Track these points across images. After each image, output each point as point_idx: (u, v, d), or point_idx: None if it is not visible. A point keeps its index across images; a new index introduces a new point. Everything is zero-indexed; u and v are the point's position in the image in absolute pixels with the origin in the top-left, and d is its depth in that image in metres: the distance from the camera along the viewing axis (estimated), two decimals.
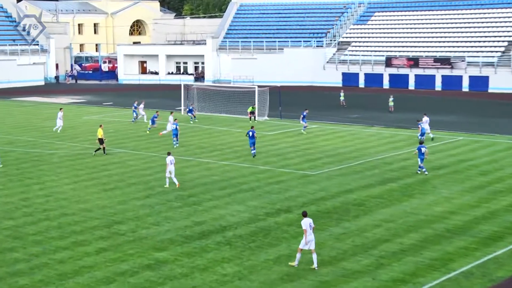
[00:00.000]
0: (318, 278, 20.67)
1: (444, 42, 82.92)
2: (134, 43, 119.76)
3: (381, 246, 23.54)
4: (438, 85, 79.43)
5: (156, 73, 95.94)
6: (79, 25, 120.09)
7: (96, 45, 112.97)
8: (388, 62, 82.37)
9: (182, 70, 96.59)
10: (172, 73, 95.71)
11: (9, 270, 21.54)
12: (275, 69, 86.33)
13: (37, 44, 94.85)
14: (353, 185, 32.50)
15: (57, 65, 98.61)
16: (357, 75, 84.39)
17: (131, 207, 28.84)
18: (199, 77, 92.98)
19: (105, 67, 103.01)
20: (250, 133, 40.18)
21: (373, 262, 22.10)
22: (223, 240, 24.35)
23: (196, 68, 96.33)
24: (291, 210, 28.16)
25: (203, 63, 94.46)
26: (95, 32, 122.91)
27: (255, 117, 54.61)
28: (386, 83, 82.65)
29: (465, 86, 78.16)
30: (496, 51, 78.50)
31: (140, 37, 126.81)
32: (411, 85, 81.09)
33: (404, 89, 79.92)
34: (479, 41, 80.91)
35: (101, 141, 40.53)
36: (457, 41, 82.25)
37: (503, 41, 79.65)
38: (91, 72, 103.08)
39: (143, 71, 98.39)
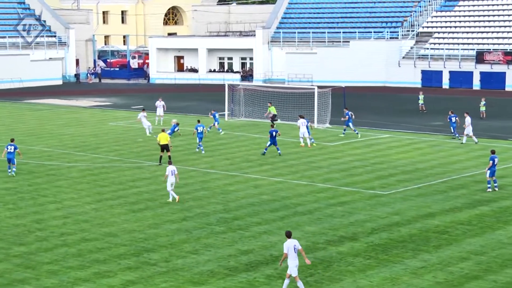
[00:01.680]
0: None
1: None
2: (169, 34, 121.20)
3: (470, 284, 23.27)
4: None
5: (196, 70, 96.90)
6: (103, 12, 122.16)
7: (124, 37, 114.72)
8: (480, 58, 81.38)
9: (226, 67, 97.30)
10: (214, 70, 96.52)
11: None
12: (339, 66, 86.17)
13: (54, 36, 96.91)
14: (434, 208, 32.22)
15: (77, 61, 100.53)
16: (440, 73, 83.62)
17: (164, 231, 29.17)
18: (247, 75, 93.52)
19: (134, 63, 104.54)
20: (274, 133, 43.11)
21: None
22: (274, 273, 24.41)
23: (243, 64, 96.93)
24: (357, 237, 28.09)
25: (251, 58, 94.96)
26: (122, 22, 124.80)
27: (274, 120, 54.20)
28: (476, 83, 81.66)
29: None
30: None
31: (176, 27, 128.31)
32: (509, 85, 79.95)
33: (500, 90, 78.83)
34: None
35: (165, 148, 41.39)
36: None
37: None
38: (117, 69, 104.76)
39: (180, 68, 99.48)
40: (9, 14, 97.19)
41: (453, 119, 49.52)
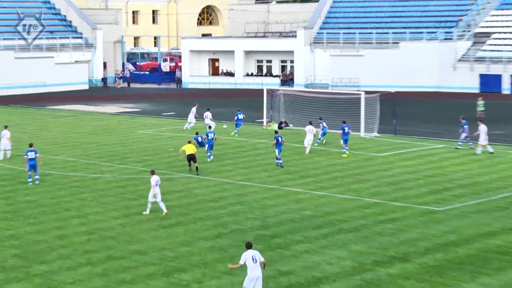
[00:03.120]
0: None
1: None
2: (203, 35, 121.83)
3: None
4: None
5: (232, 74, 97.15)
6: (133, 12, 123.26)
7: (155, 38, 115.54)
8: None
9: (264, 71, 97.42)
10: (251, 74, 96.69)
11: None
12: (388, 69, 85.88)
13: (81, 37, 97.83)
14: (495, 226, 31.82)
15: (105, 64, 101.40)
16: (499, 77, 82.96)
17: (196, 249, 29.08)
18: (287, 80, 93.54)
19: (165, 66, 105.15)
20: (279, 139, 44.36)
21: None
22: None
23: (283, 68, 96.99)
24: (409, 258, 27.77)
25: (292, 61, 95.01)
26: (153, 22, 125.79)
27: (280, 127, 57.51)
28: None
29: None
30: None
31: (211, 27, 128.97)
32: None
33: None
34: None
35: (192, 158, 41.89)
36: None
37: None
38: (147, 73, 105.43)
39: (215, 71, 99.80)
40: (34, 14, 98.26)
41: (465, 127, 49.71)
